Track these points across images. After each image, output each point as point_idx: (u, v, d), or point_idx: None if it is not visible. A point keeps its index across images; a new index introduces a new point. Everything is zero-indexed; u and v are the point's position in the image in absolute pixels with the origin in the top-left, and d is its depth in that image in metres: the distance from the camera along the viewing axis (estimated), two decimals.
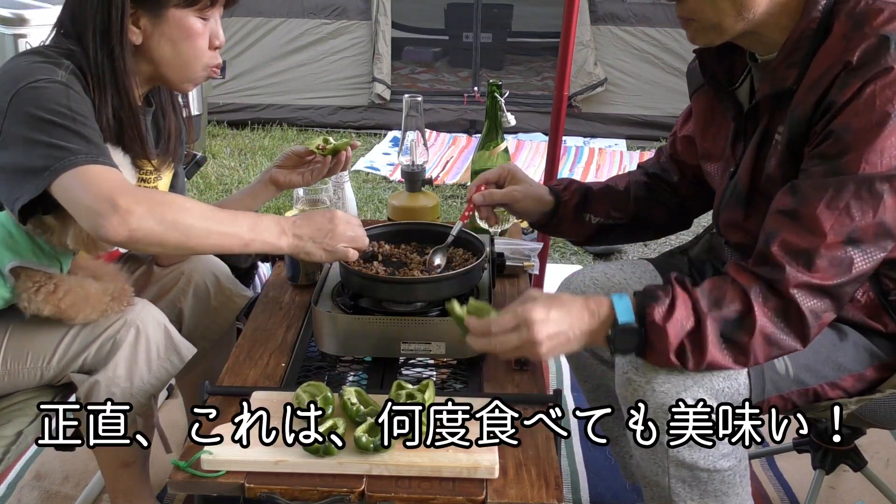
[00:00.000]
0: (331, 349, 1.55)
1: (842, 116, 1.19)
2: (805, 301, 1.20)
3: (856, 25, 1.22)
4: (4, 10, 3.23)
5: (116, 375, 1.47)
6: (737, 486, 1.35)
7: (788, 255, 1.20)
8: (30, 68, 1.38)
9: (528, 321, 1.22)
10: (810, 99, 1.24)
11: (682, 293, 1.22)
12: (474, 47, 5.65)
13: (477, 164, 2.10)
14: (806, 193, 1.21)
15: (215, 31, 1.54)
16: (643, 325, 1.22)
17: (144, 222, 1.27)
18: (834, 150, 1.20)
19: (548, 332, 1.22)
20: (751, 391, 1.30)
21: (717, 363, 1.22)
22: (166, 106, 1.67)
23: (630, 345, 1.24)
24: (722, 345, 1.21)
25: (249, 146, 4.97)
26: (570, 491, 2.01)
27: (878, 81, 1.17)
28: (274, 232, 1.41)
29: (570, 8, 2.56)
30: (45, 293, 1.44)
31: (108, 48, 1.45)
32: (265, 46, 5.32)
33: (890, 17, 1.21)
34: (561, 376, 2.55)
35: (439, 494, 1.19)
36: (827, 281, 1.20)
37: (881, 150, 1.17)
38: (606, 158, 4.89)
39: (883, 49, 1.18)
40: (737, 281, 1.23)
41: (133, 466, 1.65)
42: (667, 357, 1.23)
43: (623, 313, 1.23)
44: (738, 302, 1.21)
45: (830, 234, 1.19)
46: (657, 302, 1.22)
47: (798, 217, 1.21)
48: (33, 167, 1.31)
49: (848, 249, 1.20)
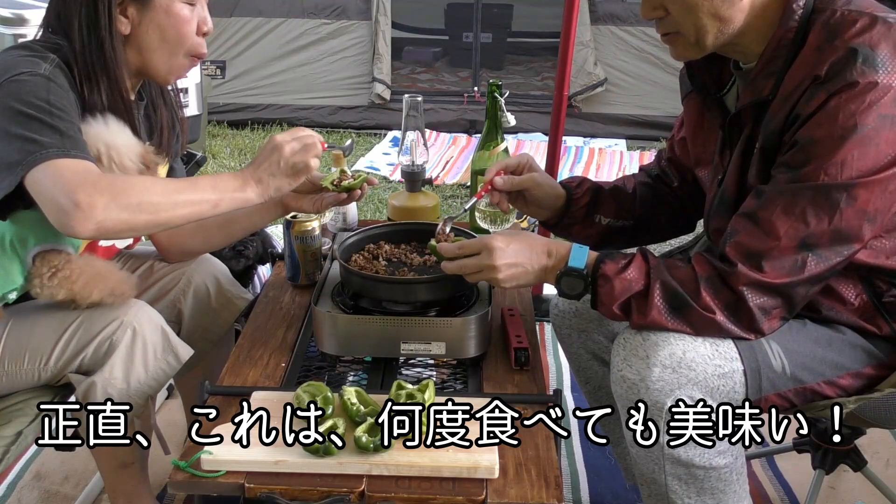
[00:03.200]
0: (331, 349, 1.55)
1: (806, 127, 1.22)
2: (753, 298, 1.25)
3: (829, 37, 1.23)
4: (4, 10, 3.23)
5: (113, 377, 1.47)
6: (734, 483, 1.35)
7: (741, 255, 1.26)
8: (14, 62, 1.38)
9: (490, 247, 1.37)
10: (783, 112, 1.26)
11: (641, 259, 1.32)
12: (474, 47, 5.65)
13: (477, 164, 2.10)
14: (767, 198, 1.26)
15: (203, 18, 1.54)
16: (594, 278, 1.32)
17: (109, 212, 1.27)
18: (797, 160, 1.23)
19: (505, 260, 1.36)
20: (747, 389, 1.30)
21: (658, 324, 1.30)
22: (157, 99, 1.67)
23: (575, 289, 1.35)
24: (668, 313, 1.29)
25: (249, 146, 4.98)
26: (570, 491, 2.02)
27: (842, 94, 1.18)
28: (236, 185, 1.40)
29: (570, 8, 2.56)
30: (61, 278, 1.45)
31: (98, 39, 1.45)
32: (265, 46, 5.32)
33: (861, 29, 1.21)
34: (561, 376, 2.55)
35: (439, 494, 1.19)
36: (776, 280, 1.24)
37: (841, 161, 1.19)
38: (606, 158, 4.89)
39: (850, 62, 1.18)
40: (694, 268, 1.29)
41: (132, 467, 1.65)
42: (611, 309, 1.32)
43: (575, 259, 1.35)
44: (690, 282, 1.28)
45: (784, 239, 1.23)
46: (613, 259, 1.33)
47: (757, 220, 1.26)
48: (10, 161, 1.31)
49: (801, 253, 1.24)
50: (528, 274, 1.38)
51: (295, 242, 1.81)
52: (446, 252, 1.44)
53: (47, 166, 1.29)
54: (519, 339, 1.57)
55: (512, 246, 1.37)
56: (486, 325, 1.53)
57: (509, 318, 1.65)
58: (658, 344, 1.29)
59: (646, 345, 1.29)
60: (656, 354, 1.28)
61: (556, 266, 1.37)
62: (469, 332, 1.51)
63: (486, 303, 1.57)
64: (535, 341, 1.59)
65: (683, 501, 1.35)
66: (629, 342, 1.32)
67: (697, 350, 1.28)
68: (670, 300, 1.28)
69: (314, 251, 1.84)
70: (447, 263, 1.44)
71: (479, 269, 1.39)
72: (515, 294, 1.83)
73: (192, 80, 3.99)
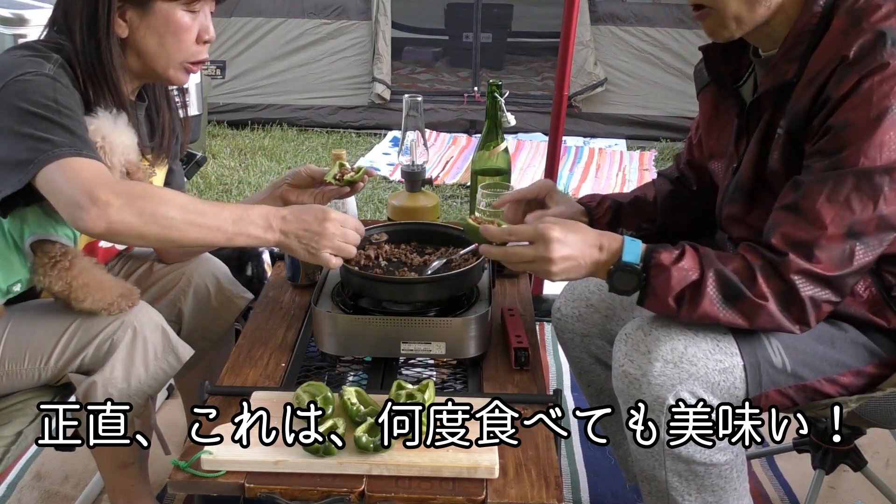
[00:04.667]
0: (331, 349, 1.55)
1: (840, 112, 1.20)
2: (805, 288, 1.22)
3: (854, 21, 1.23)
4: (4, 10, 3.23)
5: (113, 376, 1.47)
6: (734, 480, 1.35)
7: (789, 245, 1.22)
8: (18, 62, 1.38)
9: (547, 237, 1.26)
10: (808, 93, 1.25)
11: (691, 249, 1.27)
12: (474, 47, 5.65)
13: (477, 164, 2.10)
14: (807, 188, 1.23)
15: (205, 26, 1.53)
16: (647, 270, 1.26)
17: (123, 215, 1.27)
18: (833, 146, 1.21)
19: (562, 252, 1.27)
20: (747, 385, 1.30)
21: (710, 316, 1.25)
22: (160, 101, 1.67)
23: (628, 285, 1.28)
24: (720, 303, 1.24)
25: (249, 146, 4.98)
26: (570, 491, 2.01)
27: (874, 76, 1.18)
28: (260, 226, 1.39)
29: (570, 8, 2.56)
30: (60, 269, 1.45)
31: (95, 41, 1.45)
32: (265, 46, 5.33)
33: (888, 13, 1.21)
34: (561, 376, 2.55)
35: (439, 494, 1.19)
36: (828, 272, 1.21)
37: (880, 144, 1.18)
38: (606, 158, 4.89)
39: (879, 44, 1.18)
40: (745, 256, 1.25)
41: (132, 467, 1.64)
42: (665, 301, 1.26)
43: (629, 253, 1.27)
44: (744, 270, 1.24)
45: (831, 227, 1.20)
46: (666, 249, 1.26)
47: (799, 210, 1.23)
48: (19, 160, 1.31)
49: (849, 242, 1.21)
50: (580, 268, 1.30)
51: None
52: (492, 235, 1.34)
53: (61, 164, 1.29)
54: (519, 339, 1.57)
55: (569, 237, 1.28)
56: (486, 325, 1.53)
57: (509, 318, 1.65)
58: (660, 339, 1.29)
59: (647, 340, 1.30)
60: (658, 349, 1.28)
61: (609, 260, 1.29)
62: (469, 332, 1.51)
63: (486, 303, 1.57)
64: (535, 341, 1.59)
65: (684, 498, 1.35)
66: (631, 338, 1.32)
67: (699, 345, 1.28)
68: (723, 289, 1.24)
69: None
70: (489, 247, 1.36)
71: (531, 260, 1.30)
72: (515, 294, 1.83)
73: (192, 80, 3.96)
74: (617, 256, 1.28)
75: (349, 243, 1.45)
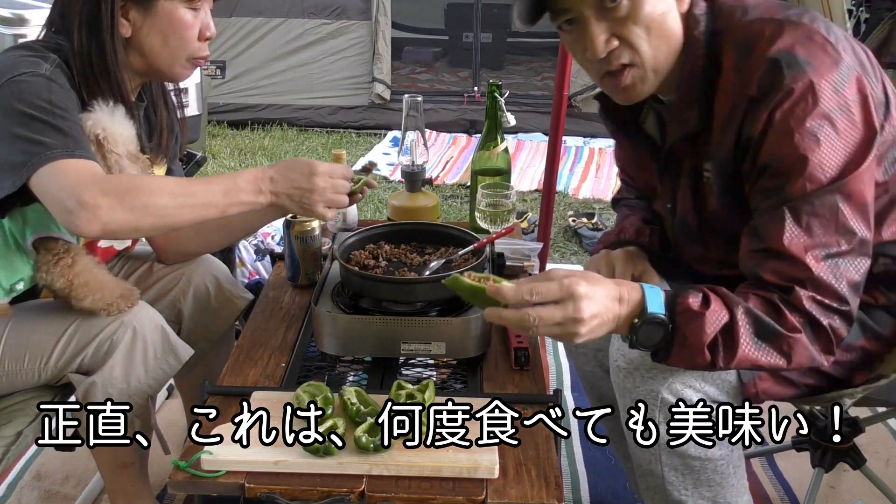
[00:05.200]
0: (331, 349, 1.55)
1: (765, 148, 1.18)
2: (822, 316, 1.17)
3: (743, 55, 1.20)
4: (4, 10, 3.23)
5: (113, 377, 1.47)
6: (731, 476, 1.35)
7: (786, 280, 1.17)
8: (14, 62, 1.39)
9: (576, 295, 1.10)
10: (728, 138, 1.23)
11: (711, 290, 1.17)
12: (474, 47, 5.64)
13: (477, 164, 2.11)
14: (767, 231, 1.19)
15: (206, 23, 1.54)
16: (673, 319, 1.14)
17: (115, 213, 1.27)
18: (775, 183, 1.19)
19: (592, 310, 1.11)
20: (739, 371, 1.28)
21: (749, 361, 1.16)
22: (158, 101, 1.67)
23: (654, 338, 1.15)
24: (755, 345, 1.15)
25: (249, 146, 4.97)
26: (570, 491, 2.02)
27: (783, 105, 1.16)
28: (250, 191, 1.40)
29: None
30: (62, 265, 1.45)
31: (99, 41, 1.45)
32: (265, 46, 5.32)
33: (772, 36, 1.18)
34: (561, 376, 2.55)
35: (439, 494, 1.19)
36: (834, 301, 1.17)
37: (819, 164, 1.16)
38: (606, 158, 4.89)
39: (777, 72, 1.16)
40: (757, 293, 1.18)
41: (132, 467, 1.64)
42: (700, 350, 1.14)
43: (653, 303, 1.14)
44: (765, 305, 1.16)
45: (810, 259, 1.16)
46: (689, 293, 1.15)
47: (772, 254, 1.18)
48: (13, 162, 1.31)
49: (832, 265, 1.17)
50: (604, 326, 1.14)
51: (295, 242, 1.82)
52: (508, 297, 1.14)
53: (52, 167, 1.29)
54: (519, 339, 1.57)
55: (596, 291, 1.12)
56: (486, 324, 1.53)
57: None
58: None
59: None
60: None
61: (632, 313, 1.15)
62: (469, 332, 1.51)
63: None
64: (535, 341, 1.59)
65: (680, 493, 1.35)
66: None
67: None
68: (756, 328, 1.15)
69: (314, 251, 1.84)
70: (499, 311, 1.15)
71: (559, 323, 1.12)
72: None
73: (192, 80, 3.99)
74: (639, 308, 1.14)
75: (340, 193, 1.47)
